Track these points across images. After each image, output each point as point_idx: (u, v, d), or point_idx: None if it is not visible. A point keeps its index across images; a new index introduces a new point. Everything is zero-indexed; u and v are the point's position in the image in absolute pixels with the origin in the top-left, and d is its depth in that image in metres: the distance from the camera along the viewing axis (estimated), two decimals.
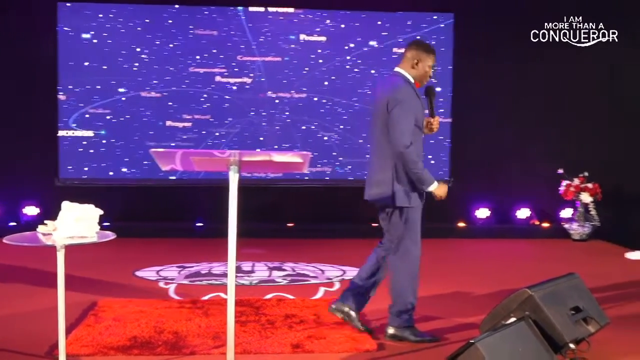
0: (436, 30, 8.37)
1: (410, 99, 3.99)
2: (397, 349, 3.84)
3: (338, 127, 8.32)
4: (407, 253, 4.07)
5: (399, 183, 4.02)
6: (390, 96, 3.99)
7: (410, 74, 4.10)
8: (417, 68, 4.10)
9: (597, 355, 3.63)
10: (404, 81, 4.06)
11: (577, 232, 8.14)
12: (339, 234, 7.98)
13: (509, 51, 8.36)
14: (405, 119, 3.94)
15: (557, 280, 3.83)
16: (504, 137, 8.45)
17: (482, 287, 5.45)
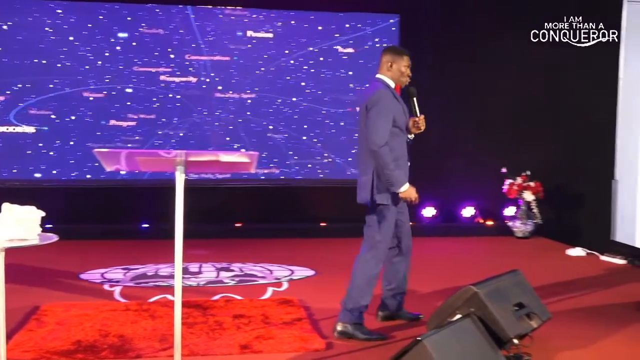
0: (382, 31, 8.46)
1: (386, 101, 4.17)
2: (346, 347, 3.86)
3: (286, 126, 8.32)
4: (376, 251, 4.22)
5: (378, 183, 4.19)
6: (368, 101, 4.18)
7: (388, 77, 4.33)
8: (392, 70, 4.33)
9: (539, 350, 3.71)
10: (383, 85, 4.27)
11: (520, 230, 8.32)
12: (287, 234, 7.98)
13: (455, 51, 8.49)
14: (381, 119, 4.11)
15: (500, 277, 3.91)
16: (449, 137, 8.57)
17: (428, 285, 5.52)
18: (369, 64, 8.42)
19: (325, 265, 6.35)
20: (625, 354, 3.84)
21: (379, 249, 4.23)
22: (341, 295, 4.97)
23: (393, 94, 4.29)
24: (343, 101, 8.41)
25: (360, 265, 4.23)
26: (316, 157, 8.40)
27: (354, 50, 8.42)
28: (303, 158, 8.37)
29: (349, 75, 8.42)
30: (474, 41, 8.46)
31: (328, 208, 8.38)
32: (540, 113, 8.55)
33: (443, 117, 8.53)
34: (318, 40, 8.32)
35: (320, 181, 8.41)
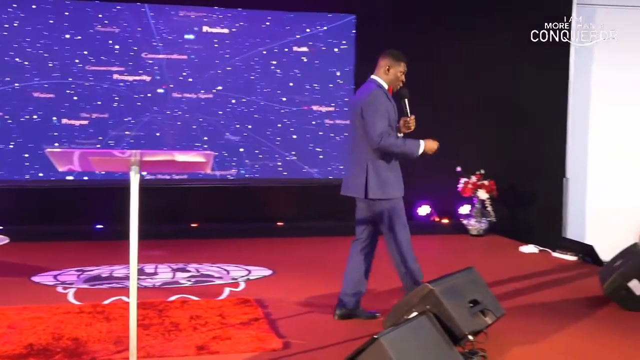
0: (338, 31, 8.48)
1: (381, 101, 4.40)
2: (303, 347, 3.86)
3: (241, 126, 8.27)
4: (400, 241, 4.55)
5: (372, 179, 4.45)
6: (363, 102, 4.42)
7: (383, 79, 4.56)
8: (389, 74, 4.56)
9: (493, 346, 3.77)
10: (377, 86, 4.50)
11: (475, 228, 8.44)
12: (244, 234, 7.93)
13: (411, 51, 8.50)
14: (378, 118, 4.35)
15: (456, 274, 3.96)
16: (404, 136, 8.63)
17: (385, 283, 5.54)
18: (324, 64, 8.45)
19: (282, 264, 6.34)
20: (577, 348, 3.93)
21: (406, 238, 4.58)
22: (299, 294, 4.99)
23: (386, 94, 4.50)
24: (298, 100, 8.41)
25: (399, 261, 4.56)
26: (272, 157, 8.38)
27: (309, 50, 8.42)
28: (259, 157, 8.34)
29: (304, 74, 8.41)
30: (429, 41, 8.53)
31: (285, 207, 8.39)
32: (494, 112, 8.68)
33: None
34: (273, 40, 8.30)
35: (276, 180, 8.39)
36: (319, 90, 8.45)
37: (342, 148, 8.51)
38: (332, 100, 8.50)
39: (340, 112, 8.51)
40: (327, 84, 8.47)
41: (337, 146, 8.50)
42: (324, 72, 8.46)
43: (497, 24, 8.55)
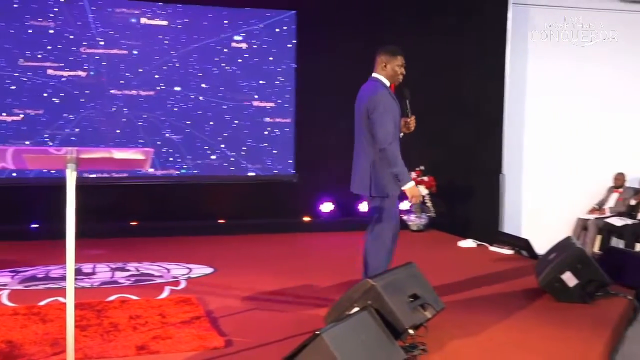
0: (278, 26, 8.45)
1: (387, 101, 4.48)
2: (245, 344, 3.84)
3: (181, 122, 8.17)
4: (382, 240, 4.56)
5: (375, 177, 4.54)
6: (369, 102, 4.50)
7: (383, 76, 4.62)
8: (387, 70, 4.61)
9: (433, 339, 3.83)
10: (381, 85, 4.57)
11: (415, 223, 8.55)
12: (185, 232, 7.85)
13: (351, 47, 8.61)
14: (386, 119, 4.44)
15: (396, 270, 4.01)
16: (346, 133, 8.65)
17: (327, 279, 5.58)
18: (264, 60, 8.41)
19: (224, 262, 6.30)
20: (514, 339, 4.03)
21: (383, 237, 4.56)
22: (241, 291, 4.97)
23: (390, 93, 4.57)
24: (238, 97, 8.35)
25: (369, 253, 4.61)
26: (212, 153, 8.30)
27: (249, 46, 8.36)
28: (199, 154, 8.26)
29: (244, 70, 8.36)
30: (369, 38, 8.58)
31: (226, 205, 8.33)
32: (433, 109, 8.79)
33: (341, 113, 8.63)
34: (213, 35, 8.22)
35: (217, 178, 8.33)
36: (259, 86, 8.42)
37: (283, 144, 8.52)
38: (273, 97, 8.48)
39: (281, 108, 8.50)
40: (267, 81, 8.45)
41: (278, 143, 8.50)
42: (264, 68, 8.44)
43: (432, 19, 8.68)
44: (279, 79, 8.49)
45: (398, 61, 4.64)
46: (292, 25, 8.48)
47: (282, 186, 8.52)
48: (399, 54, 4.66)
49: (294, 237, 7.98)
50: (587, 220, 9.29)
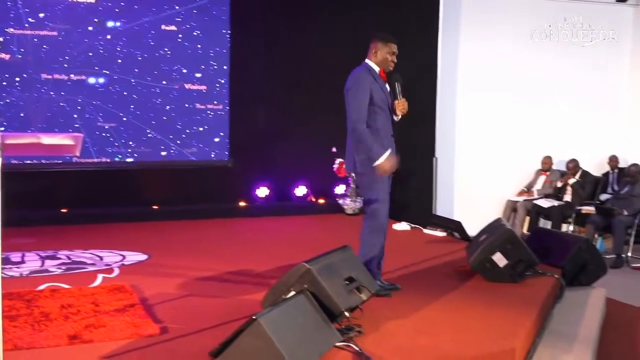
0: (210, 9, 8.33)
1: (362, 82, 4.56)
2: (181, 331, 3.81)
3: (113, 106, 7.99)
4: (375, 218, 4.60)
5: (358, 154, 4.59)
6: (347, 82, 4.65)
7: (373, 62, 4.71)
8: (377, 56, 4.70)
9: (369, 320, 3.89)
10: (364, 69, 4.67)
11: (350, 207, 8.63)
12: (118, 219, 7.70)
13: (286, 33, 8.59)
14: (356, 99, 4.54)
15: (332, 253, 4.04)
16: (281, 118, 8.68)
17: (263, 264, 5.58)
18: (197, 43, 8.28)
19: (158, 248, 6.23)
20: (446, 319, 4.12)
21: (376, 215, 4.59)
22: (176, 278, 4.92)
23: (374, 76, 4.64)
24: (171, 80, 8.22)
25: (363, 235, 4.62)
26: (145, 138, 8.16)
27: (180, 28, 8.20)
28: (131, 139, 8.10)
29: (177, 53, 8.21)
30: (303, 23, 8.59)
31: (160, 191, 8.22)
32: None
33: (274, 98, 8.63)
34: (145, 17, 8.04)
35: (150, 163, 8.19)
36: (193, 70, 8.30)
37: (217, 129, 8.44)
38: (206, 81, 8.38)
39: (215, 92, 8.41)
40: (200, 64, 8.34)
41: (212, 127, 8.42)
42: (197, 52, 8.31)
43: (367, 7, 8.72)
44: (213, 62, 8.38)
45: (388, 48, 4.70)
46: (225, 8, 8.36)
47: (216, 171, 8.45)
48: (390, 41, 4.73)
49: (229, 223, 7.94)
50: (517, 202, 9.55)
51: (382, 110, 4.66)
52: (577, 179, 9.39)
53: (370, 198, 4.64)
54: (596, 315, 4.86)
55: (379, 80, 4.68)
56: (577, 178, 9.41)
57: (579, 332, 4.39)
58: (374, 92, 4.61)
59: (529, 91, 10.12)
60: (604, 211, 8.53)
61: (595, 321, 4.72)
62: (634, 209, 8.35)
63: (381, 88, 4.68)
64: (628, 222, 8.28)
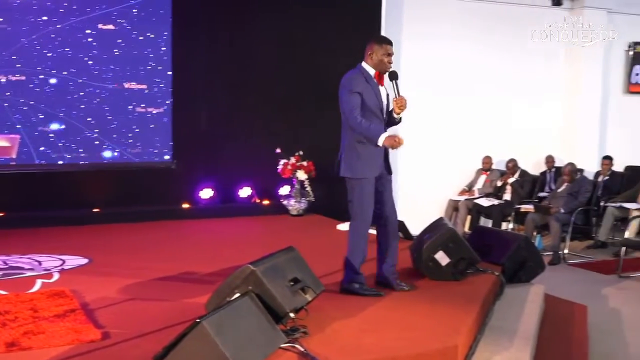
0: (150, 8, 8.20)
1: (352, 83, 4.59)
2: (123, 336, 3.75)
3: (51, 107, 7.80)
4: (356, 222, 4.68)
5: (345, 157, 4.70)
6: (340, 83, 4.67)
7: (368, 64, 4.69)
8: (372, 59, 4.67)
9: (314, 321, 3.89)
10: (357, 71, 4.68)
11: (295, 208, 8.64)
12: (58, 222, 7.53)
13: (228, 34, 8.54)
14: (345, 96, 4.59)
15: (276, 254, 4.03)
16: (224, 119, 8.63)
17: (208, 266, 5.53)
18: (138, 42, 8.14)
19: (99, 252, 6.11)
20: (390, 318, 4.16)
21: (357, 220, 4.65)
22: (118, 281, 4.84)
23: (366, 77, 4.64)
24: (111, 81, 8.07)
25: (349, 236, 4.71)
26: (87, 140, 8.00)
27: (119, 27, 8.05)
28: (71, 141, 7.93)
29: (116, 53, 8.07)
30: (246, 21, 8.56)
31: (101, 193, 8.06)
32: (309, 95, 8.89)
33: (218, 98, 8.57)
34: (83, 15, 7.88)
35: (91, 165, 8.03)
36: (134, 70, 8.18)
37: (159, 130, 8.33)
38: (148, 81, 8.26)
39: (157, 93, 8.29)
40: (142, 64, 8.21)
41: (155, 128, 8.30)
42: (139, 51, 8.19)
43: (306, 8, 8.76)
44: (154, 63, 8.27)
45: (383, 50, 4.66)
46: (167, 8, 8.25)
47: (159, 173, 8.34)
48: (385, 42, 4.70)
49: (172, 225, 7.85)
50: (458, 201, 9.73)
51: (373, 114, 4.66)
52: (516, 178, 9.63)
53: (351, 201, 4.68)
54: (535, 311, 4.98)
55: (371, 83, 4.67)
56: (516, 177, 9.64)
57: (519, 328, 4.49)
58: (365, 95, 4.61)
59: (469, 91, 10.33)
60: (541, 209, 8.77)
61: (534, 317, 4.84)
62: (570, 207, 8.60)
63: (374, 91, 4.67)
64: (565, 220, 8.53)
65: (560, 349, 4.80)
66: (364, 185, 4.65)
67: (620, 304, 6.50)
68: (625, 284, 7.35)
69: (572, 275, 7.80)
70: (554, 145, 10.95)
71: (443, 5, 10.06)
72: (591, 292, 6.90)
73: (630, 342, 5.37)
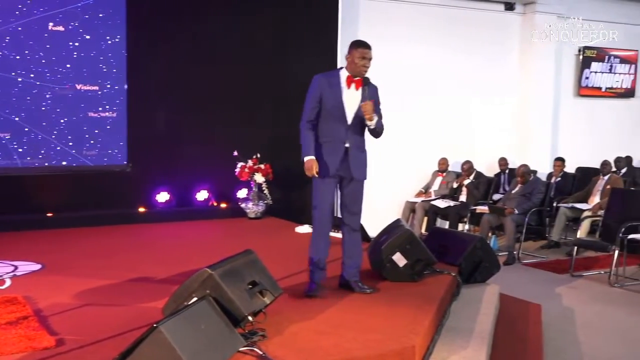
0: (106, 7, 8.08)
1: (314, 86, 4.69)
2: (78, 342, 3.69)
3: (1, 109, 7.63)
4: (314, 218, 4.83)
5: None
6: None
7: (346, 68, 4.75)
8: (349, 62, 4.71)
9: (272, 324, 3.89)
10: (328, 73, 4.80)
11: (253, 211, 8.61)
12: (9, 227, 7.36)
13: (184, 35, 8.48)
14: (306, 101, 4.71)
15: (234, 257, 4.01)
16: (181, 121, 8.56)
17: (165, 270, 5.48)
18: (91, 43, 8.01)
19: (53, 257, 6.00)
20: (349, 320, 4.18)
21: (315, 216, 4.80)
22: (73, 287, 4.76)
23: (330, 80, 4.69)
24: (63, 82, 7.92)
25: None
26: (39, 143, 7.84)
27: (69, 28, 7.90)
28: (23, 143, 7.76)
29: (69, 54, 7.93)
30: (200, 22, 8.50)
31: (55, 197, 7.91)
32: (267, 96, 8.89)
33: (171, 100, 8.49)
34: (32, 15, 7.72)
35: (44, 169, 7.88)
36: (89, 72, 8.04)
37: (114, 133, 8.22)
38: (103, 83, 8.14)
39: (111, 95, 8.17)
40: (97, 66, 8.09)
41: (109, 131, 8.19)
42: (93, 52, 8.06)
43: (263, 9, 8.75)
44: (109, 64, 8.15)
45: (358, 53, 4.66)
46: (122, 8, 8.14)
47: (114, 176, 8.23)
48: (360, 46, 4.70)
49: (128, 229, 7.75)
50: (415, 203, 9.82)
51: (332, 116, 4.69)
52: (471, 180, 9.76)
53: (313, 199, 4.83)
54: (491, 311, 5.06)
55: (334, 86, 4.68)
56: (472, 179, 9.77)
57: (475, 328, 4.55)
58: (325, 97, 4.67)
59: (425, 94, 10.45)
60: (496, 210, 8.90)
61: (489, 316, 4.91)
62: (524, 208, 8.76)
63: (335, 95, 4.68)
64: (519, 220, 8.68)
65: (515, 348, 4.88)
66: (319, 184, 4.78)
67: (573, 303, 6.64)
68: (577, 283, 7.52)
69: (526, 275, 7.94)
70: (508, 147, 11.15)
71: (399, 8, 10.16)
72: (545, 291, 7.04)
73: (582, 339, 5.50)
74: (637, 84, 12.49)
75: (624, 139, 12.06)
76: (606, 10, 11.08)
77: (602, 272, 7.85)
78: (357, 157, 4.87)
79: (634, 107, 12.56)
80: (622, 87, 12.32)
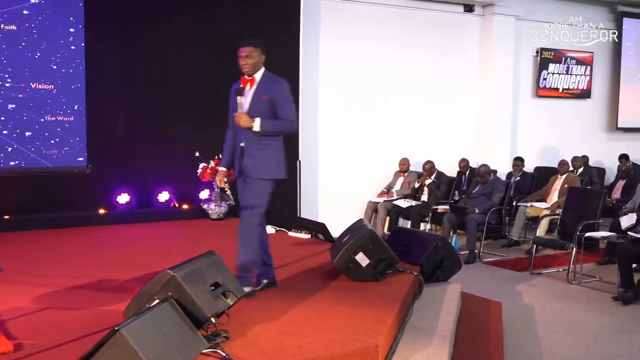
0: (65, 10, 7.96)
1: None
2: (38, 346, 3.62)
3: None
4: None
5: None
6: None
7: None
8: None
9: (236, 326, 3.87)
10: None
11: (215, 212, 8.56)
12: None
13: (143, 35, 8.39)
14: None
15: (197, 259, 3.99)
16: (141, 122, 8.46)
17: (126, 272, 5.42)
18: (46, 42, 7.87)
19: (10, 261, 5.86)
20: (312, 320, 4.18)
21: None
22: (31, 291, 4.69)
23: (233, 88, 4.90)
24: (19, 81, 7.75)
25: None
26: None
27: (21, 27, 7.75)
28: None
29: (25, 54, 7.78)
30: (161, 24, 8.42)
31: (11, 199, 7.75)
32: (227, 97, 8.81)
33: (131, 100, 8.40)
34: None
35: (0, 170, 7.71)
36: (45, 72, 7.90)
37: (73, 133, 8.09)
38: (60, 82, 7.99)
39: (70, 95, 8.04)
40: (53, 66, 7.94)
41: (68, 131, 8.05)
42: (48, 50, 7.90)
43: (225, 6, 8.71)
44: (67, 64, 8.02)
45: (239, 53, 4.80)
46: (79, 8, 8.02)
47: (73, 178, 8.09)
48: (240, 46, 4.80)
49: (88, 231, 7.64)
50: (377, 203, 9.87)
51: (231, 122, 4.92)
52: (432, 180, 9.85)
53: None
54: (452, 309, 5.11)
55: (233, 94, 4.87)
56: (433, 179, 9.87)
57: (437, 326, 4.59)
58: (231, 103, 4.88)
59: (386, 94, 10.51)
60: (457, 210, 9.01)
61: (451, 315, 4.96)
62: (484, 208, 8.87)
63: (233, 97, 4.84)
64: (480, 219, 8.80)
65: (477, 345, 4.95)
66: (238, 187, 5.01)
67: (532, 300, 6.76)
68: (536, 280, 7.65)
69: (487, 273, 8.05)
70: (469, 146, 11.29)
71: (360, 8, 10.21)
72: (505, 289, 7.15)
73: (542, 336, 5.60)
74: (593, 85, 12.75)
75: (581, 139, 12.30)
76: (563, 12, 11.29)
77: (560, 270, 8.00)
78: (253, 156, 4.86)
79: (590, 108, 12.83)
80: (578, 88, 12.56)
